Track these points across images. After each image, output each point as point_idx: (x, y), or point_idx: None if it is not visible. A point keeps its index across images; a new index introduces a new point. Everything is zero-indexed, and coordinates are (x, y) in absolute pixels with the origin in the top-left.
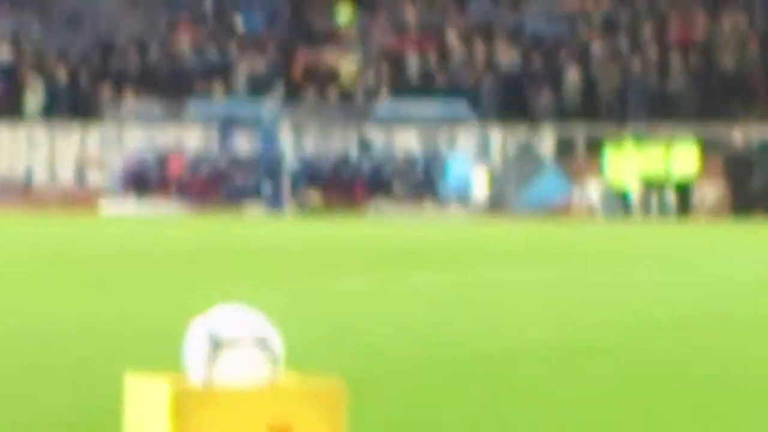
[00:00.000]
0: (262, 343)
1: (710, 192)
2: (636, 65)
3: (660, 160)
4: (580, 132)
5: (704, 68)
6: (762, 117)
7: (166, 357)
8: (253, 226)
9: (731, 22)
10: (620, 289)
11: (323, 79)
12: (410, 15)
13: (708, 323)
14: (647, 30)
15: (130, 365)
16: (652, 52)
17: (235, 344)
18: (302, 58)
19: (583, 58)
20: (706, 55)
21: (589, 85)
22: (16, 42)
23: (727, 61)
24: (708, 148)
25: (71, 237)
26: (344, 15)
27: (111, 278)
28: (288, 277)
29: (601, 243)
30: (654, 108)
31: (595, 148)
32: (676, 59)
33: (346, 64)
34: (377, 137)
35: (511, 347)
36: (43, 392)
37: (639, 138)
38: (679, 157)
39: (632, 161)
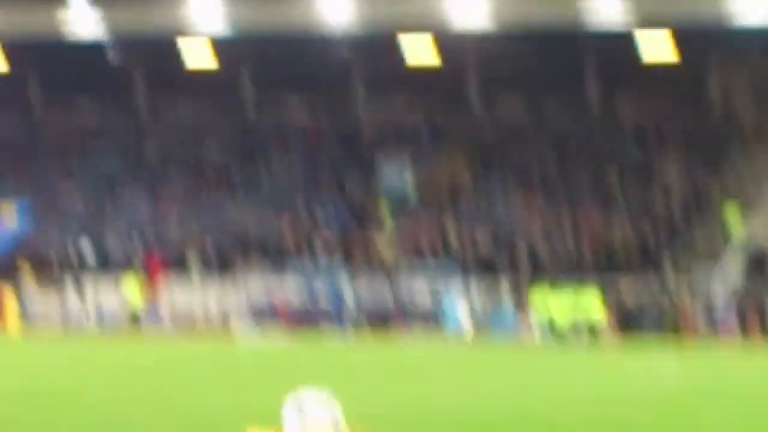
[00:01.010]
0: (330, 409)
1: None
2: (562, 245)
3: (576, 301)
4: (523, 284)
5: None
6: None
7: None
8: (326, 347)
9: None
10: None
11: (371, 253)
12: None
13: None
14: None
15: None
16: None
17: (311, 408)
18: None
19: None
20: (605, 243)
21: (533, 255)
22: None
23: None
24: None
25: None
26: (385, 221)
27: (258, 381)
28: (347, 381)
29: (530, 361)
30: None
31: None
32: (591, 249)
33: (386, 244)
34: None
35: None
36: None
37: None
38: (587, 298)
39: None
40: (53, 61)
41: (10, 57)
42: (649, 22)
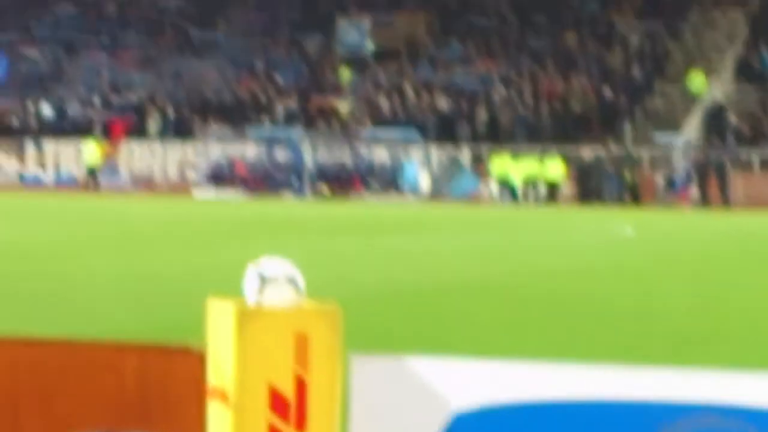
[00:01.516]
0: (293, 280)
1: (567, 189)
2: (522, 110)
3: (536, 166)
4: (482, 148)
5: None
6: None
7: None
8: (286, 207)
9: (579, 83)
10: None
11: (329, 115)
12: (382, 76)
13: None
14: (527, 87)
15: (212, 293)
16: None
17: (275, 279)
18: (317, 102)
19: (490, 105)
20: (563, 106)
21: (493, 121)
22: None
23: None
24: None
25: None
26: (344, 76)
27: (217, 244)
28: (305, 239)
29: (492, 219)
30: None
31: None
32: (551, 112)
33: (343, 107)
34: (363, 152)
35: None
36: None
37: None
38: (550, 164)
39: (517, 167)
40: None
41: None
42: None
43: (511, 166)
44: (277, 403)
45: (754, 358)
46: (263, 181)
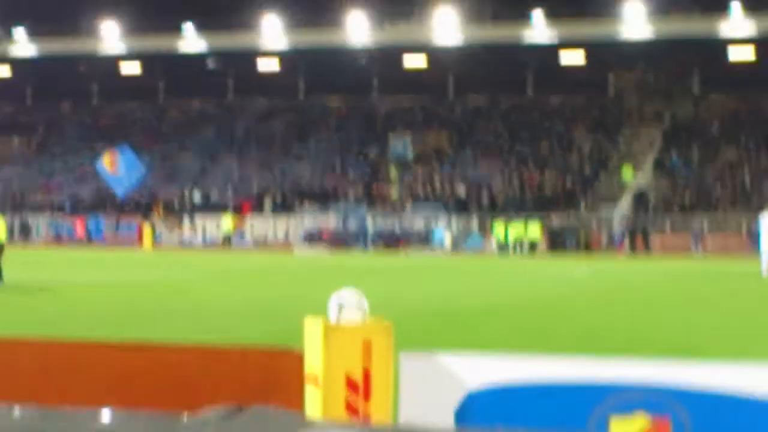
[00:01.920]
0: (360, 305)
1: (542, 244)
2: (512, 193)
3: (522, 229)
4: (486, 218)
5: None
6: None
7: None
8: (355, 258)
9: (550, 176)
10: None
11: (384, 198)
12: (419, 172)
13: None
14: (516, 179)
15: (308, 314)
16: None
17: (349, 305)
18: (376, 190)
19: (491, 190)
20: (540, 190)
21: (493, 200)
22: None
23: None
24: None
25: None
26: (393, 173)
27: (311, 281)
28: (368, 278)
29: (493, 265)
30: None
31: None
32: (532, 195)
33: (393, 193)
34: (406, 222)
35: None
36: (264, 323)
37: (511, 221)
38: (531, 228)
39: (509, 231)
40: (172, 67)
41: (142, 64)
42: (568, 40)
43: (505, 230)
44: (351, 385)
45: (672, 351)
46: (340, 241)
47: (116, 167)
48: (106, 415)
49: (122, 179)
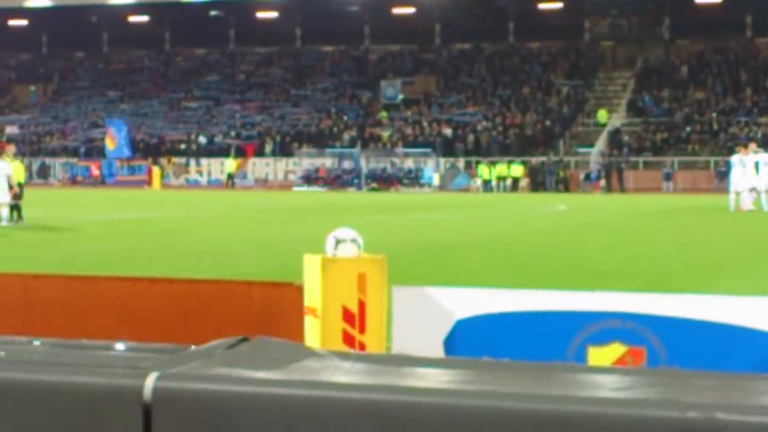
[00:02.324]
0: (355, 240)
1: (524, 182)
2: (496, 135)
3: (505, 169)
4: (471, 158)
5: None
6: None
7: (319, 247)
8: (350, 196)
9: (530, 118)
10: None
11: (376, 140)
12: (408, 115)
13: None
14: (499, 121)
15: (305, 251)
16: (501, 129)
17: (345, 240)
18: (369, 132)
19: (476, 132)
20: (521, 131)
21: (477, 141)
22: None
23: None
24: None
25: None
26: (383, 115)
27: (308, 218)
28: (363, 215)
29: (478, 201)
30: (502, 150)
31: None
32: (514, 136)
33: (385, 134)
34: (398, 161)
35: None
36: (265, 259)
37: (495, 161)
38: (513, 168)
39: (493, 170)
40: (177, 17)
41: (149, 13)
42: None
43: (489, 169)
44: (348, 316)
45: (646, 282)
46: (336, 180)
47: (115, 140)
48: (119, 346)
49: (122, 147)
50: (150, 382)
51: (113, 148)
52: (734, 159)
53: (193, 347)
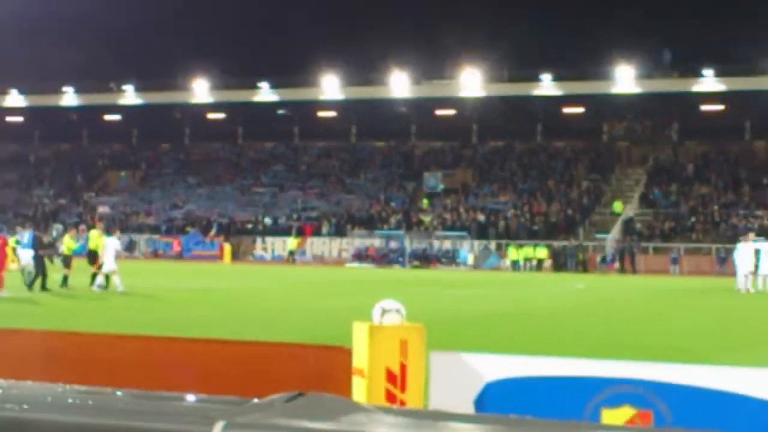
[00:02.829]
0: (399, 311)
1: (548, 263)
2: (524, 221)
3: (531, 251)
4: (502, 241)
5: (546, 223)
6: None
7: (366, 317)
8: (395, 272)
9: (555, 207)
10: (505, 295)
11: (420, 224)
12: (447, 203)
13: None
14: (527, 209)
15: (355, 319)
16: (528, 217)
17: (390, 310)
18: (413, 217)
19: (506, 218)
20: (546, 219)
21: (508, 227)
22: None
23: (554, 217)
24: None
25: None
26: (425, 203)
27: (358, 291)
28: (406, 288)
29: (507, 279)
30: (529, 235)
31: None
32: (539, 222)
33: (427, 219)
34: (437, 243)
35: (493, 312)
36: (314, 329)
37: (522, 244)
38: (539, 250)
39: (520, 252)
40: (249, 115)
41: (225, 111)
42: (570, 95)
43: (517, 251)
44: (390, 377)
45: (657, 353)
46: (383, 258)
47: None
48: (191, 397)
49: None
50: (217, 430)
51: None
52: (740, 245)
53: (256, 400)
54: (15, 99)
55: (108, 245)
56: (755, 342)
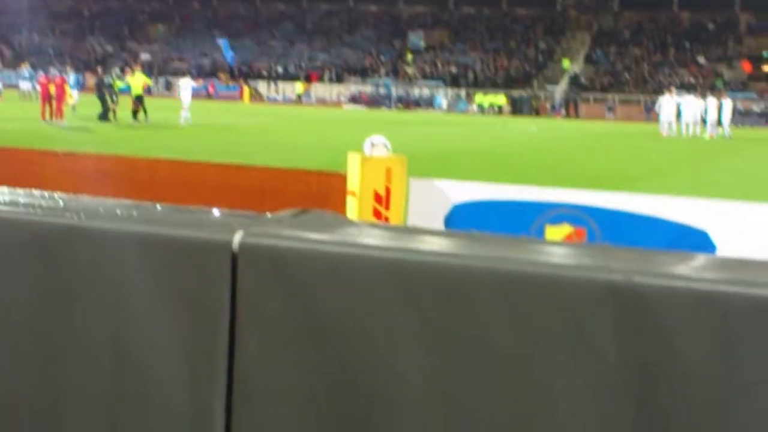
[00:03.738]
0: (385, 145)
1: (507, 109)
2: (489, 73)
3: (494, 98)
4: (472, 91)
5: (506, 75)
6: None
7: (359, 149)
8: (383, 113)
9: (514, 63)
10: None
11: (404, 74)
12: (427, 58)
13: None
14: (491, 64)
15: (350, 150)
16: (492, 70)
17: (378, 144)
18: (399, 69)
19: (474, 71)
20: (507, 72)
21: (475, 78)
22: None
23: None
24: (509, 96)
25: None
26: (409, 57)
27: (353, 128)
28: (392, 127)
29: (474, 121)
30: (492, 85)
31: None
32: (502, 75)
33: (410, 71)
34: (418, 90)
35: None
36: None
37: (487, 92)
38: (500, 98)
39: (486, 99)
40: None
41: None
42: None
43: (482, 98)
44: (377, 198)
45: (590, 182)
46: (374, 102)
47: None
48: (216, 212)
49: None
50: (237, 237)
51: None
52: (662, 98)
53: (269, 215)
54: None
55: (184, 87)
56: (668, 173)
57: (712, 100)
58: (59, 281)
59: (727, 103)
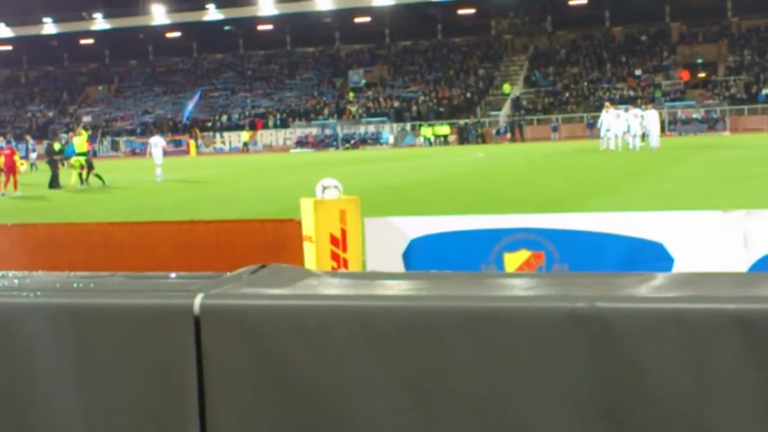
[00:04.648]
0: (336, 187)
1: (453, 138)
2: (432, 105)
3: (440, 129)
4: (415, 123)
5: (450, 106)
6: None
7: (311, 193)
8: (331, 154)
9: (456, 93)
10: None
11: (348, 113)
12: (370, 94)
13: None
14: (434, 96)
15: (302, 195)
16: (435, 102)
17: (329, 187)
18: (342, 107)
19: (418, 104)
20: (450, 102)
21: (420, 111)
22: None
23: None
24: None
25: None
26: (351, 95)
27: (302, 171)
28: (341, 167)
29: (422, 153)
30: (436, 116)
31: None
32: (445, 105)
33: (353, 109)
34: (363, 127)
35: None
36: (267, 203)
37: (432, 124)
38: (445, 128)
39: (431, 130)
40: (202, 30)
41: (181, 30)
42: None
43: (428, 130)
44: (334, 240)
45: (543, 205)
46: (320, 143)
47: (192, 103)
48: (173, 275)
49: (188, 109)
50: (197, 300)
51: (190, 106)
52: (603, 114)
53: (228, 274)
54: (3, 30)
55: (155, 144)
56: (614, 188)
57: (636, 112)
58: (20, 358)
59: (652, 114)
